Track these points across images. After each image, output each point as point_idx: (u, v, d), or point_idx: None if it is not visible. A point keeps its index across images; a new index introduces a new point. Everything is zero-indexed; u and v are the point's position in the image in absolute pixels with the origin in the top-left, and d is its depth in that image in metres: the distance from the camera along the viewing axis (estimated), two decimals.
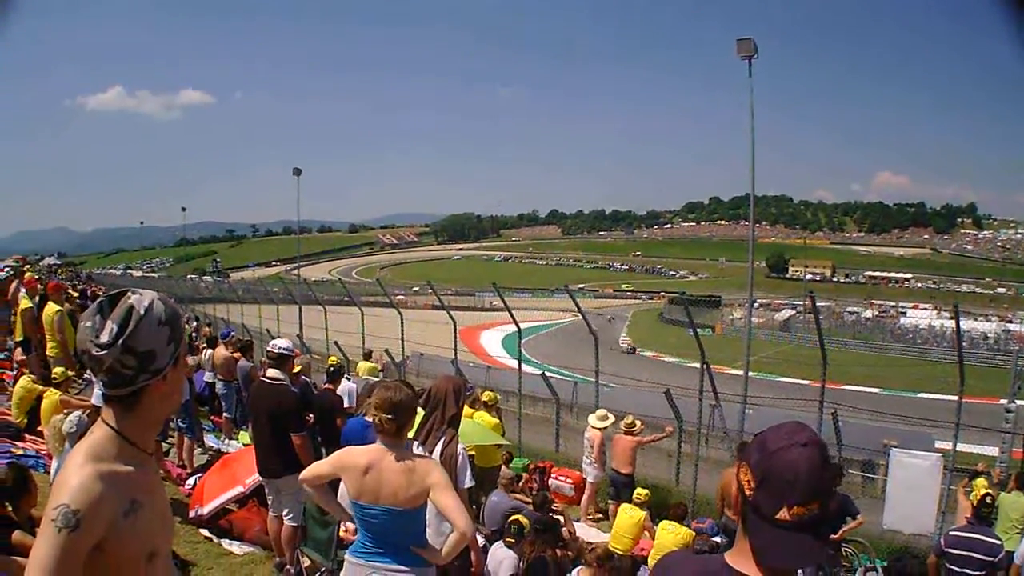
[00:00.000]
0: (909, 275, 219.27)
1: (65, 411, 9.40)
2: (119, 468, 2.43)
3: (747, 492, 2.25)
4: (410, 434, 6.01)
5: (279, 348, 8.94)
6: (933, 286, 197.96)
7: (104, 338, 2.42)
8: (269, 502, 8.87)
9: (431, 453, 6.02)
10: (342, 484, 5.09)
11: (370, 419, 5.03)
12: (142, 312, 2.48)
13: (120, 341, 2.41)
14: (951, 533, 9.01)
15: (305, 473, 5.16)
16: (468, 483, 6.15)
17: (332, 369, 12.94)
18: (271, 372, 8.78)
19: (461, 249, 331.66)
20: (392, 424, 4.88)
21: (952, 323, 16.71)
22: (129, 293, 2.53)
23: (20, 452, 10.68)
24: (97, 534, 2.32)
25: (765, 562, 2.17)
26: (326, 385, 12.52)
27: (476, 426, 12.28)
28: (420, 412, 6.51)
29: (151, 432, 2.67)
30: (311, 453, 8.26)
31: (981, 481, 11.50)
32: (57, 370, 12.25)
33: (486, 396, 14.42)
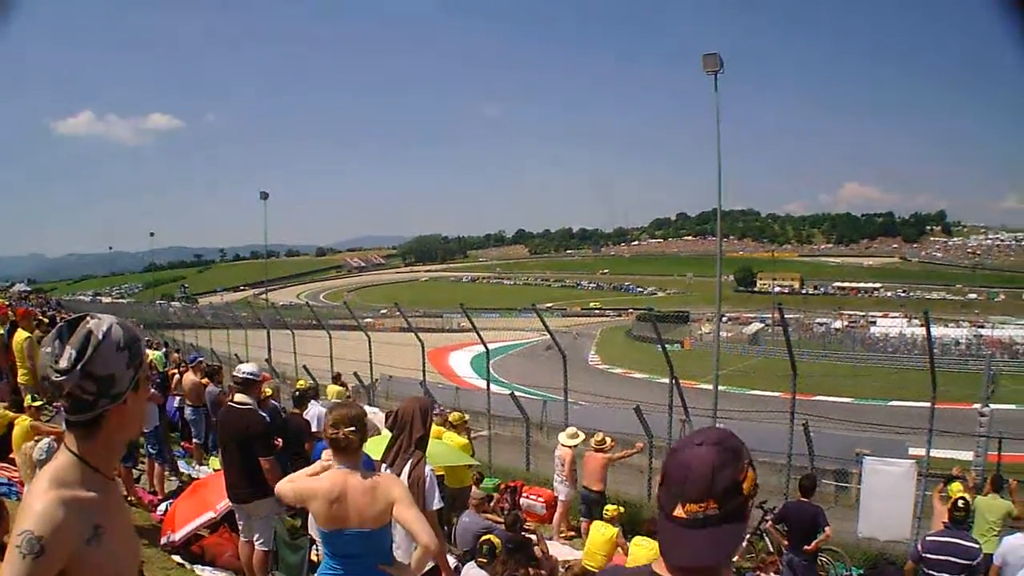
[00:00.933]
0: (879, 285, 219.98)
1: (36, 438, 9.41)
2: (82, 494, 2.45)
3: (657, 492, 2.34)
4: (375, 455, 6.08)
5: (244, 372, 8.92)
6: (903, 295, 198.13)
7: (63, 363, 2.44)
8: (240, 527, 8.86)
9: (399, 475, 6.04)
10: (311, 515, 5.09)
11: (332, 436, 5.03)
12: (100, 337, 2.49)
13: (79, 366, 2.43)
14: (928, 538, 9.09)
15: (281, 487, 5.18)
16: (437, 504, 6.20)
17: (298, 393, 12.93)
18: (238, 397, 8.80)
19: (428, 271, 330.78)
20: (355, 436, 4.95)
21: (922, 330, 16.88)
22: (88, 318, 2.55)
23: None
24: (62, 560, 2.34)
25: (666, 560, 2.24)
26: (293, 410, 12.50)
27: (445, 447, 12.30)
28: (387, 434, 6.57)
29: (113, 457, 2.71)
30: (280, 477, 8.21)
31: (956, 485, 11.62)
32: (27, 397, 12.23)
33: (453, 417, 14.47)
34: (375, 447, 6.54)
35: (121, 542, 2.57)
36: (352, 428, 4.95)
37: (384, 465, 6.24)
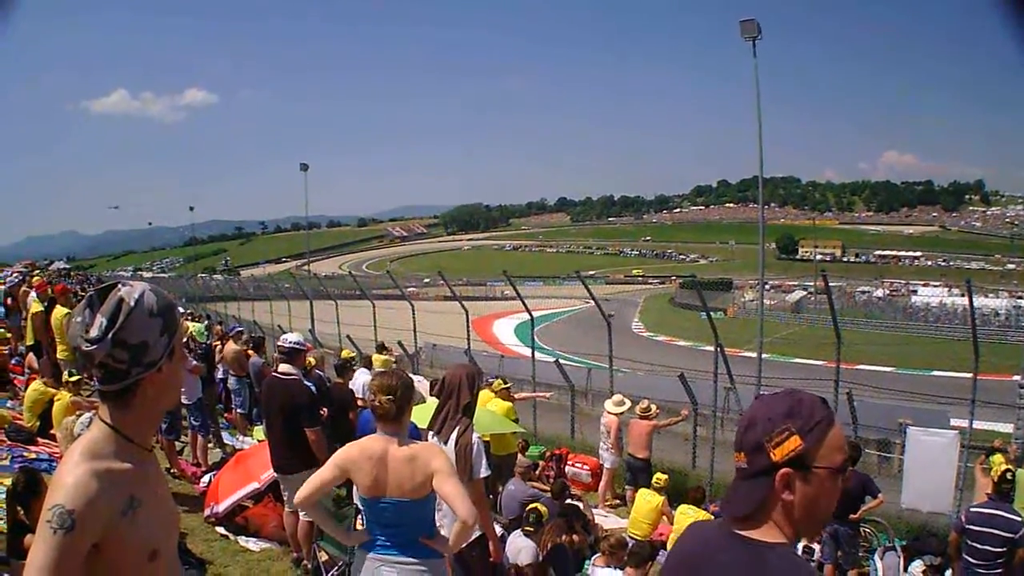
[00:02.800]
0: (919, 253, 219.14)
1: (77, 413, 9.36)
2: (116, 465, 2.34)
3: None
4: (422, 424, 5.95)
5: (290, 343, 8.86)
6: (943, 264, 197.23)
7: (94, 332, 2.34)
8: (284, 498, 8.81)
9: (445, 442, 5.99)
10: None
11: (370, 404, 4.98)
12: (132, 304, 2.39)
13: (110, 335, 2.32)
14: (971, 510, 8.92)
15: (301, 493, 4.98)
16: (484, 472, 6.07)
17: (342, 363, 12.85)
18: (283, 367, 8.72)
19: (471, 239, 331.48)
20: (391, 405, 4.86)
21: (963, 300, 16.68)
22: (119, 285, 2.44)
23: (33, 456, 10.67)
24: (94, 534, 2.23)
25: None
26: (337, 380, 12.43)
27: (490, 414, 12.19)
28: (434, 401, 6.45)
29: (149, 427, 2.59)
30: (325, 448, 8.13)
31: (998, 457, 11.39)
32: (65, 373, 12.22)
33: (496, 384, 14.38)
34: (420, 415, 6.42)
35: (158, 514, 2.46)
36: (389, 396, 4.86)
37: (431, 433, 6.17)
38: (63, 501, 2.20)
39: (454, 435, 6.04)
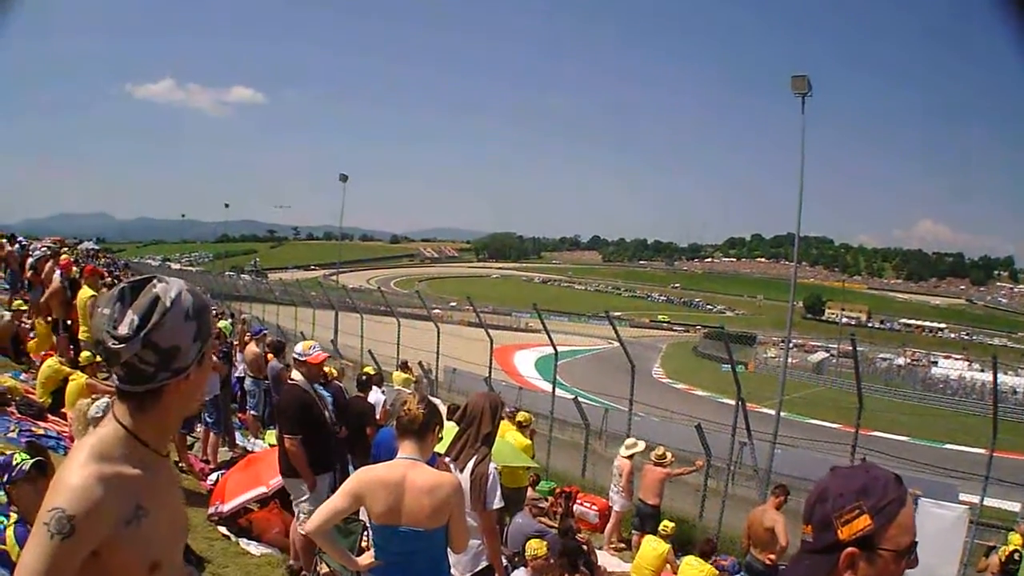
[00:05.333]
0: (943, 325, 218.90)
1: (92, 395, 9.32)
2: (126, 470, 2.24)
3: None
4: (440, 449, 5.88)
5: (296, 352, 8.91)
6: (966, 337, 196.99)
7: (123, 330, 2.23)
8: (294, 505, 8.71)
9: (462, 470, 5.91)
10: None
11: (399, 416, 4.94)
12: (168, 304, 2.28)
13: (142, 335, 2.22)
14: None
15: (313, 521, 4.85)
16: (497, 504, 5.99)
17: (364, 378, 12.80)
18: (293, 374, 8.77)
19: (501, 268, 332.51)
20: (422, 415, 4.87)
21: (983, 375, 16.61)
22: (155, 281, 2.34)
23: (41, 432, 10.65)
24: (93, 541, 2.14)
25: None
26: (357, 394, 12.38)
27: (508, 446, 12.14)
28: (454, 427, 6.37)
29: (167, 433, 2.47)
30: (302, 458, 8.20)
31: (1016, 537, 11.36)
32: (84, 354, 12.21)
33: (521, 416, 14.34)
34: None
35: (164, 526, 2.35)
36: (421, 406, 4.88)
37: (448, 459, 6.07)
38: (64, 505, 2.10)
39: (471, 463, 5.96)
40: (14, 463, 5.44)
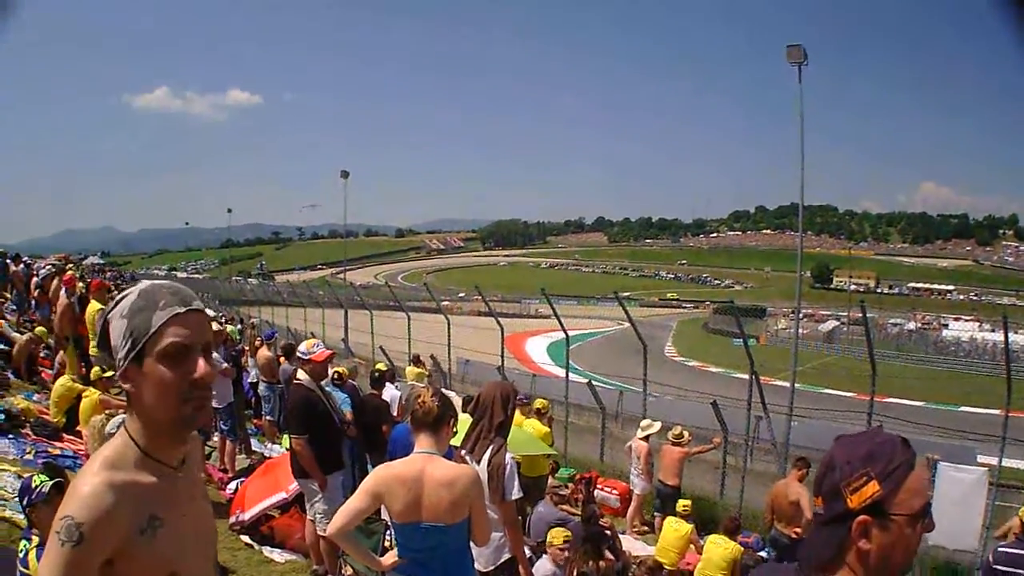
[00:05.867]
0: (951, 287, 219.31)
1: (107, 412, 9.31)
2: (139, 479, 2.23)
3: None
4: (455, 441, 5.86)
5: (301, 351, 8.95)
6: (975, 298, 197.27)
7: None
8: (308, 506, 8.73)
9: (478, 462, 5.89)
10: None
11: (414, 409, 4.92)
12: (112, 305, 2.33)
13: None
14: (999, 549, 8.77)
15: (335, 523, 4.80)
16: (516, 494, 5.97)
17: (376, 375, 12.79)
18: (299, 373, 8.80)
19: (507, 255, 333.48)
20: (437, 408, 4.85)
21: (994, 335, 16.60)
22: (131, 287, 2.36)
23: (57, 452, 10.64)
24: (106, 550, 2.12)
25: None
26: (371, 391, 12.38)
27: (525, 435, 12.17)
28: (468, 419, 6.34)
29: (164, 440, 2.36)
30: (309, 457, 8.23)
31: None
32: (95, 370, 12.19)
33: (538, 403, 14.33)
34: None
35: (183, 537, 2.32)
36: (436, 399, 4.87)
37: (464, 451, 6.07)
38: (73, 512, 2.09)
39: (487, 454, 5.94)
40: (34, 486, 5.44)
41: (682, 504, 12.78)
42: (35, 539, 5.41)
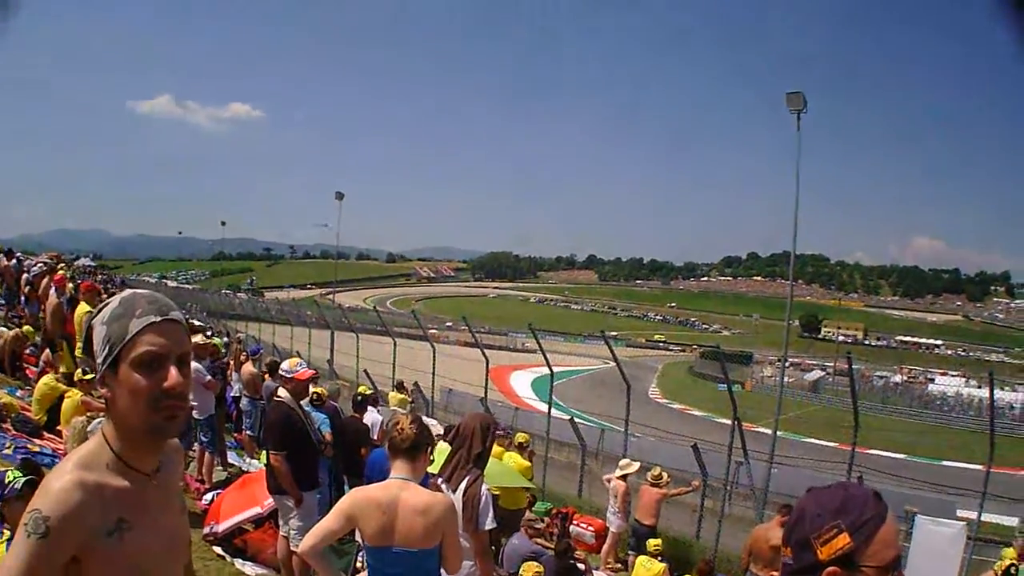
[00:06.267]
0: (940, 341, 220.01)
1: (88, 413, 9.32)
2: (109, 482, 2.26)
3: None
4: (434, 469, 5.89)
5: (284, 369, 9.00)
6: (963, 354, 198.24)
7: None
8: (280, 522, 8.74)
9: (454, 491, 5.84)
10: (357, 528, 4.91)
11: (391, 437, 4.94)
12: (95, 312, 2.38)
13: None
14: None
15: (307, 542, 4.81)
16: (489, 525, 5.94)
17: (360, 398, 12.81)
18: (279, 391, 8.83)
19: (497, 287, 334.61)
20: (414, 435, 4.86)
21: (980, 391, 16.69)
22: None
23: (36, 449, 10.62)
24: (71, 546, 2.16)
25: None
26: (353, 414, 12.40)
27: (502, 467, 12.19)
28: (447, 448, 6.37)
29: (138, 446, 2.37)
30: (286, 474, 8.23)
31: (1010, 551, 11.36)
32: (78, 371, 12.20)
33: (520, 437, 14.39)
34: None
35: (156, 541, 2.35)
36: (413, 426, 4.88)
37: (440, 479, 6.04)
38: (41, 506, 2.14)
39: (463, 484, 5.90)
40: (7, 481, 5.46)
41: (653, 544, 12.83)
42: (6, 534, 5.43)
